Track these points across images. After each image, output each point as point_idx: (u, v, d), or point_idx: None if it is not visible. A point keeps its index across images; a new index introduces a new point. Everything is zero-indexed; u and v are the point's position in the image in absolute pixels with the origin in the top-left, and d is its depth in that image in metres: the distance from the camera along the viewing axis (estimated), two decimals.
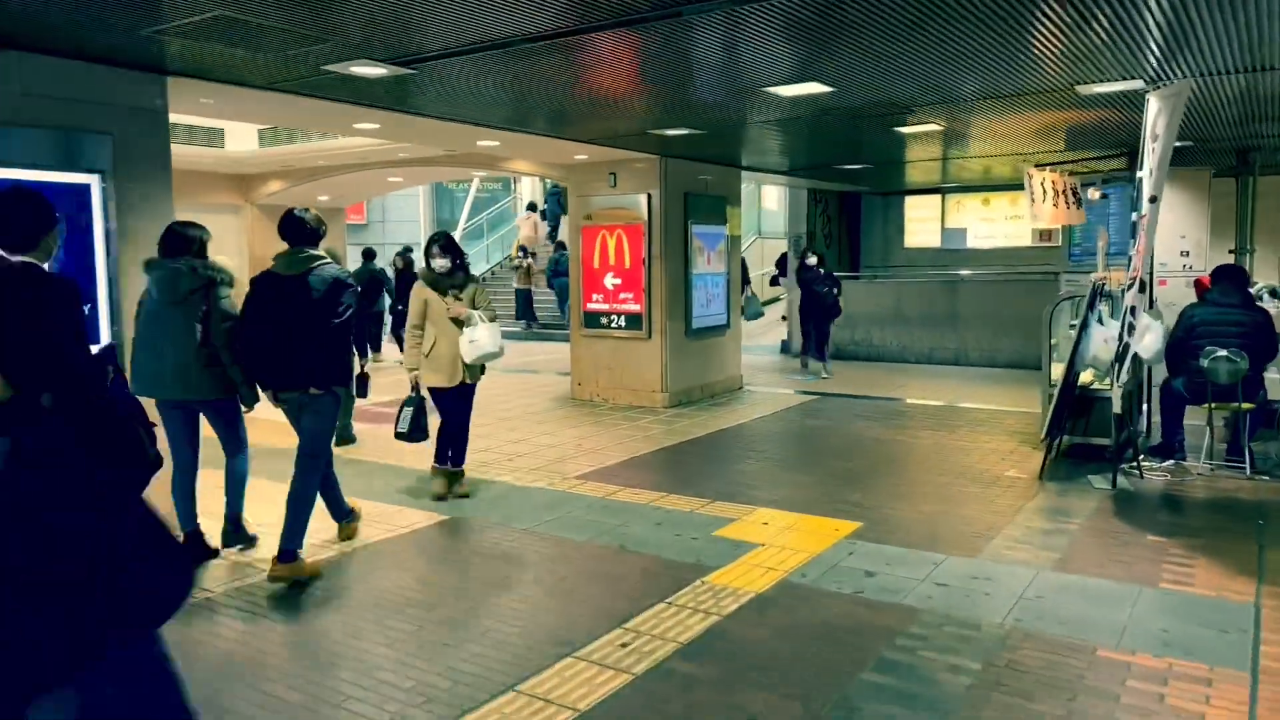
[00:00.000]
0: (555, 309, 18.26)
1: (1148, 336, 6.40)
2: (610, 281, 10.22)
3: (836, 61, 5.33)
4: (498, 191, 25.19)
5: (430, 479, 6.32)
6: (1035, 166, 7.98)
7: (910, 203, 15.95)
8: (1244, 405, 6.65)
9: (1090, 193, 8.54)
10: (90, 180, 5.01)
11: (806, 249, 12.64)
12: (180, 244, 4.74)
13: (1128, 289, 6.34)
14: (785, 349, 15.01)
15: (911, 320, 14.30)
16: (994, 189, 15.06)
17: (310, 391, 4.64)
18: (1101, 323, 6.64)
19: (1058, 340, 7.83)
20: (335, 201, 14.70)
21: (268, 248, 14.04)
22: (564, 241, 16.67)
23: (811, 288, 11.98)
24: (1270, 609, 4.22)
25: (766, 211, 22.01)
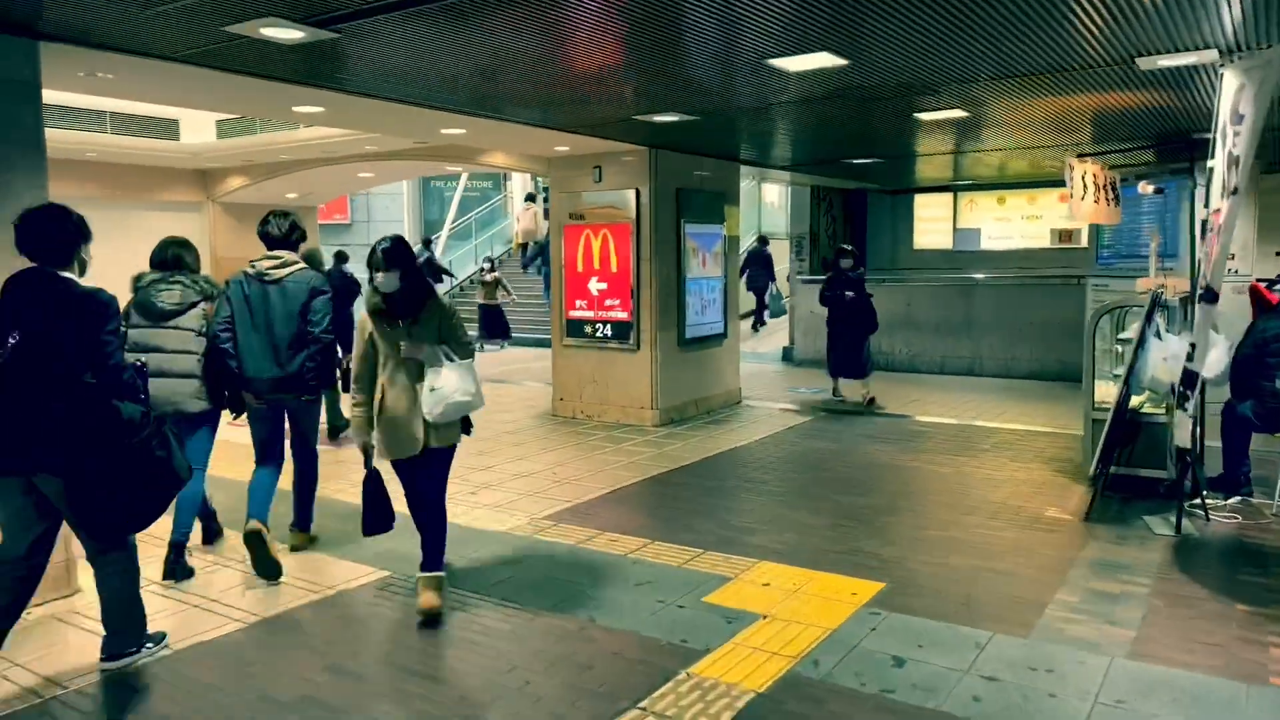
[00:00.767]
0: (531, 315, 17.36)
1: (1211, 353, 5.44)
2: (595, 286, 9.26)
3: (852, 26, 4.37)
4: (488, 190, 24.23)
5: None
6: (1077, 157, 7.00)
7: (920, 201, 14.99)
8: None
9: (1142, 186, 7.57)
10: None
11: (841, 251, 9.95)
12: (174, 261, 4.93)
13: (1192, 298, 5.38)
14: (787, 357, 14.05)
15: (922, 327, 13.35)
16: (1009, 187, 14.11)
17: (303, 399, 4.94)
18: (1160, 338, 5.68)
19: (1115, 352, 6.88)
20: (306, 199, 13.75)
21: (231, 248, 12.78)
22: None
23: (842, 298, 9.71)
24: None
25: (768, 208, 21.06)
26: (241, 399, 4.89)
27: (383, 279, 4.12)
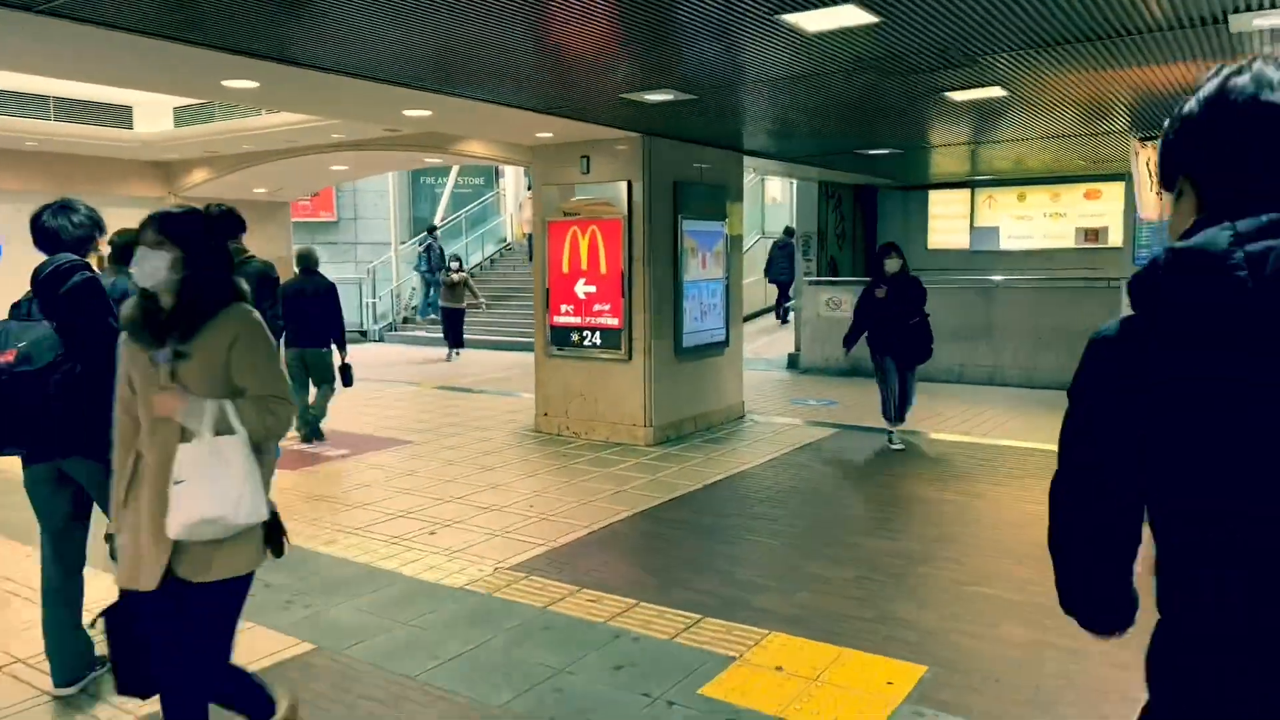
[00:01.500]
0: (506, 326, 16.47)
1: None
2: (582, 290, 8.33)
3: None
4: (479, 186, 23.32)
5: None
6: (1140, 140, 6.07)
7: (935, 198, 14.07)
8: None
9: None
10: None
11: (886, 250, 7.68)
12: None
13: None
14: (793, 364, 13.12)
15: (939, 332, 12.29)
16: (1031, 183, 13.18)
17: None
18: None
19: None
20: (277, 194, 12.84)
21: None
22: None
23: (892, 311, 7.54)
24: None
25: (771, 206, 20.14)
26: None
27: (141, 266, 2.48)
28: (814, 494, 6.48)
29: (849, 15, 4.10)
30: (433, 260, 17.94)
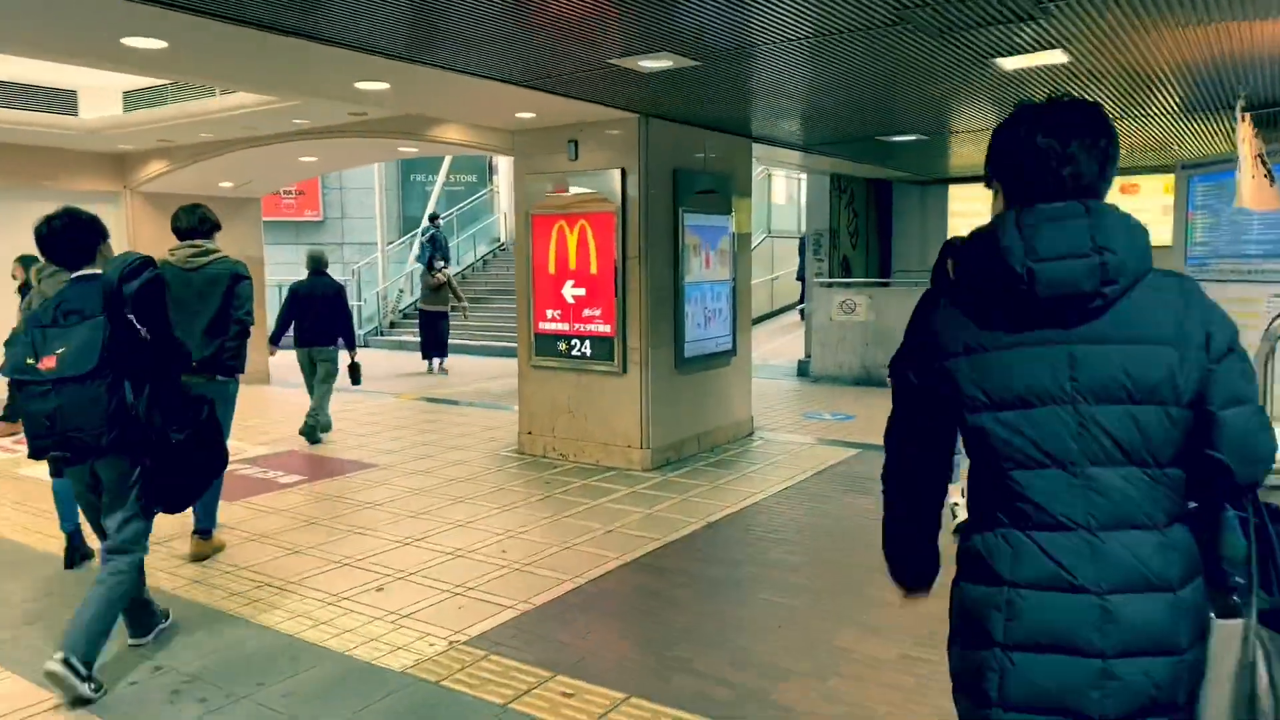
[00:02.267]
0: (498, 329, 15.47)
1: None
2: (571, 292, 7.35)
3: None
4: (472, 183, 22.36)
5: None
6: (1245, 110, 5.09)
7: (955, 193, 13.07)
8: None
9: None
10: None
11: (952, 245, 5.26)
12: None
13: None
14: (803, 371, 12.14)
15: None
16: None
17: (217, 379, 4.86)
18: None
19: None
20: (245, 189, 11.86)
21: (155, 243, 10.90)
22: None
23: None
24: None
25: (775, 207, 19.18)
26: None
27: None
28: (838, 533, 5.48)
29: None
30: (437, 251, 16.76)
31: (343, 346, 8.37)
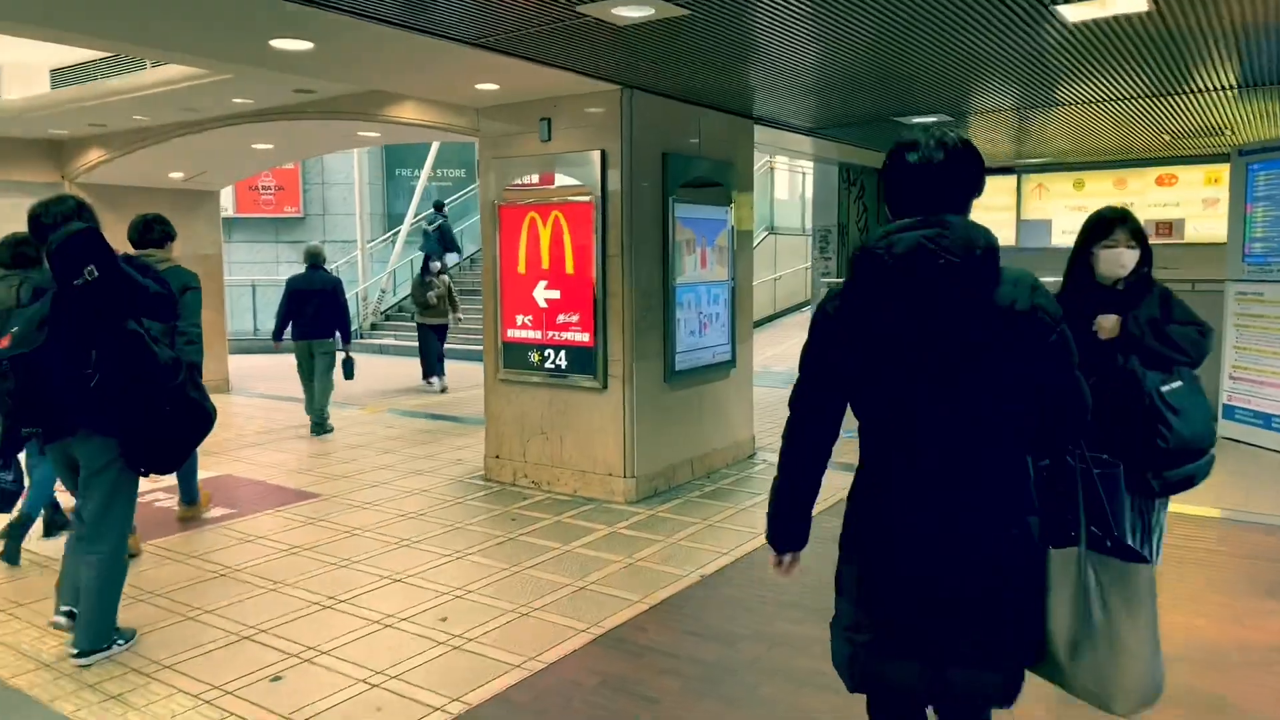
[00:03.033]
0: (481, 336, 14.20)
1: None
2: (543, 295, 6.34)
3: None
4: (461, 179, 21.33)
5: None
6: None
7: None
8: None
9: None
10: None
11: (1109, 225, 3.27)
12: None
13: None
14: None
15: None
16: (1090, 167, 11.18)
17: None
18: None
19: None
20: (199, 181, 10.88)
21: None
22: None
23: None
24: None
25: (778, 202, 18.16)
26: None
27: None
28: None
29: None
30: (446, 243, 15.52)
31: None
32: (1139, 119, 7.55)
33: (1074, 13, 4.23)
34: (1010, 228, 11.74)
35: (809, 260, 13.34)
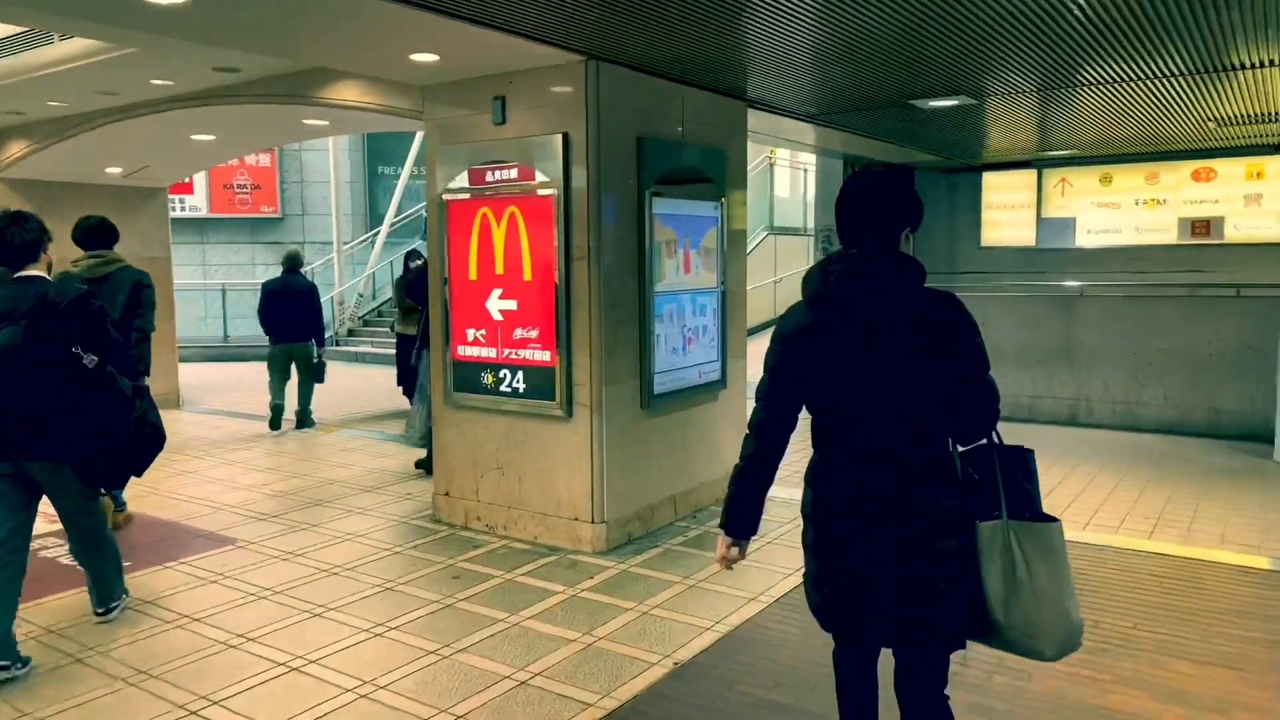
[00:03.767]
0: None
1: None
2: (498, 306, 5.38)
3: None
4: None
5: None
6: None
7: (990, 182, 11.06)
8: None
9: None
10: None
11: None
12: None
13: None
14: None
15: (1001, 354, 9.38)
16: (1118, 160, 10.21)
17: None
18: None
19: None
20: (141, 177, 9.92)
21: None
22: None
23: None
24: None
25: (779, 200, 17.17)
26: None
27: None
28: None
29: None
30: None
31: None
32: (1174, 103, 6.57)
33: None
34: (1029, 227, 10.77)
35: (811, 261, 12.39)
